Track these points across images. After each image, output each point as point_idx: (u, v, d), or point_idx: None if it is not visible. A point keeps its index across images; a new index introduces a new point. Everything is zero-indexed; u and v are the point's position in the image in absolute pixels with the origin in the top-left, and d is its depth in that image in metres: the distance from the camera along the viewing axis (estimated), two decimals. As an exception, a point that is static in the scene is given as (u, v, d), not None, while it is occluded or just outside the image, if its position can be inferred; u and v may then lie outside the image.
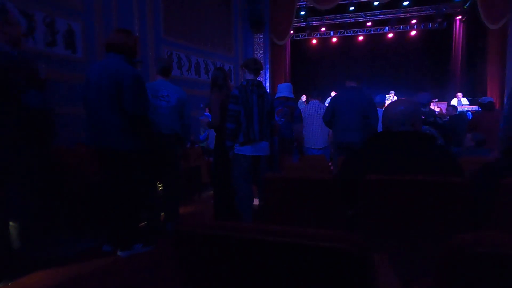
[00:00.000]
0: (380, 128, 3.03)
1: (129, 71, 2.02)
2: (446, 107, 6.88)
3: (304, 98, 9.07)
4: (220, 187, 2.73)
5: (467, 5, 8.89)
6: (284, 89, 3.44)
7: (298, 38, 11.44)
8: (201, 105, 5.84)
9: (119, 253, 2.15)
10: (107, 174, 2.16)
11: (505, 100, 2.08)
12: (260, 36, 7.35)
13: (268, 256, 0.56)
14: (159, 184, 2.85)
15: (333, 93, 8.63)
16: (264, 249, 0.56)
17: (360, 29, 11.11)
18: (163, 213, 2.69)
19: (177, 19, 5.72)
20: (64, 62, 3.85)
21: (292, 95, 3.45)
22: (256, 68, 2.43)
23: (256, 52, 7.37)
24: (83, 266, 2.03)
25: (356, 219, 1.25)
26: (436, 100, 8.42)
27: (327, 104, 4.25)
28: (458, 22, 9.95)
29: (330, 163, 3.34)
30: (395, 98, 8.47)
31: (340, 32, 11.16)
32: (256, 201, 2.89)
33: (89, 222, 2.59)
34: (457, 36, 10.03)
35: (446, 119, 5.27)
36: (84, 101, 2.12)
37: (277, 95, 3.44)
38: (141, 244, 2.23)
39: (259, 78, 2.52)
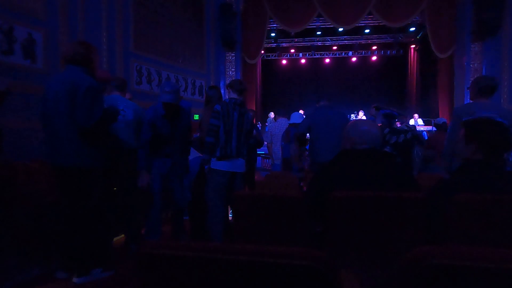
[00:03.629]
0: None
1: (85, 81, 1.93)
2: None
3: (272, 115, 9.27)
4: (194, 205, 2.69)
5: (419, 35, 9.86)
6: (294, 117, 3.99)
7: (269, 58, 11.82)
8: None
9: (74, 279, 1.97)
10: (63, 193, 2.01)
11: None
12: (232, 54, 7.48)
13: (235, 276, 0.55)
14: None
15: (301, 111, 8.97)
16: (231, 268, 0.55)
17: (327, 52, 11.81)
18: (123, 235, 2.54)
19: (148, 33, 5.66)
20: (22, 72, 3.60)
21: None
22: (240, 89, 2.51)
23: (228, 70, 7.46)
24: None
25: (324, 235, 1.27)
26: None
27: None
28: (412, 50, 11.00)
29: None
30: (364, 117, 8.95)
31: (308, 54, 11.76)
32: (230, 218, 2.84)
33: (41, 246, 2.35)
34: (412, 62, 11.05)
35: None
36: (41, 117, 1.99)
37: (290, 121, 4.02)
38: (101, 268, 2.06)
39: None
